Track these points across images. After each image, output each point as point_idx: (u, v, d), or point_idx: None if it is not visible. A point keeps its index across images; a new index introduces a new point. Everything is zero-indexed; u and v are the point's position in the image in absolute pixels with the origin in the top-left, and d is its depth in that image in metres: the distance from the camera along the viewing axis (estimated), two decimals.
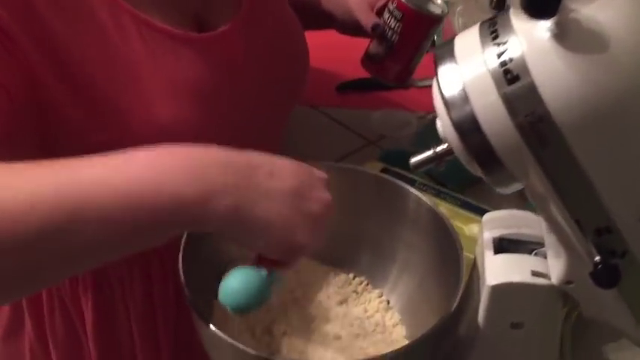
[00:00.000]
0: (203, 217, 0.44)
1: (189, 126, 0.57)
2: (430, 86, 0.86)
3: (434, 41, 1.19)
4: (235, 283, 0.47)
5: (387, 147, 0.98)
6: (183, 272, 0.53)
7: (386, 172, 0.82)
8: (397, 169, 0.86)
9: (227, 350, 0.50)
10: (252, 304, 0.47)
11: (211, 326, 0.50)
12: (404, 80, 0.84)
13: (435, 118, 0.48)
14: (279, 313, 0.62)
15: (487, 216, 0.57)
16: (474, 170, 0.46)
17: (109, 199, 0.41)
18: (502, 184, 0.46)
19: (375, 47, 0.81)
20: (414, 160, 0.53)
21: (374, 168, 0.84)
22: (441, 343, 0.54)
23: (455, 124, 0.44)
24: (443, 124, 0.46)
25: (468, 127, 0.43)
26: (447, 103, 0.44)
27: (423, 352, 0.53)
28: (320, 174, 0.51)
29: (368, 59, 0.83)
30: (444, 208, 0.77)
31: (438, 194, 0.83)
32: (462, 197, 0.82)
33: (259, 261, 0.48)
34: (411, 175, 0.85)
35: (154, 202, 0.42)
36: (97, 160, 0.43)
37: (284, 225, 0.46)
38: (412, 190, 0.63)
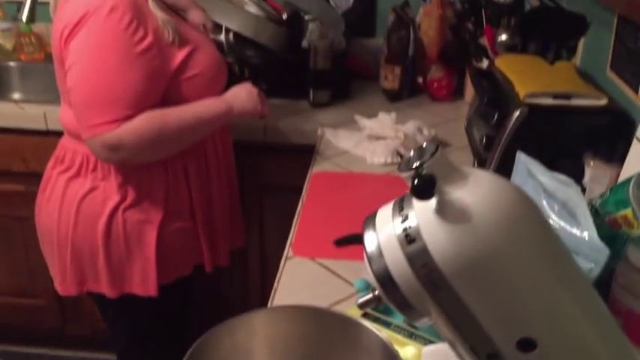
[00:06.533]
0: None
1: None
2: None
3: None
4: None
5: None
6: None
7: (366, 315, 0.97)
8: (377, 314, 1.00)
9: None
10: None
11: None
12: None
13: None
14: None
15: (427, 348, 0.71)
16: (394, 309, 0.61)
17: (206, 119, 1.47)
18: (415, 319, 0.60)
19: None
20: (360, 300, 0.68)
21: (356, 313, 0.98)
22: None
23: (375, 275, 0.59)
24: (369, 275, 0.62)
25: (384, 277, 0.59)
26: (369, 258, 0.60)
27: None
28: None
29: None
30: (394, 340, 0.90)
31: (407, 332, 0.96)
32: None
33: None
34: (388, 319, 0.98)
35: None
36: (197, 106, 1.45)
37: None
38: (366, 324, 0.77)
